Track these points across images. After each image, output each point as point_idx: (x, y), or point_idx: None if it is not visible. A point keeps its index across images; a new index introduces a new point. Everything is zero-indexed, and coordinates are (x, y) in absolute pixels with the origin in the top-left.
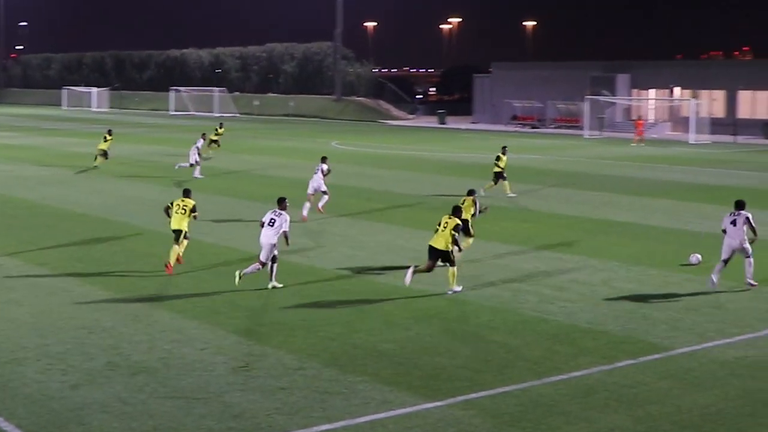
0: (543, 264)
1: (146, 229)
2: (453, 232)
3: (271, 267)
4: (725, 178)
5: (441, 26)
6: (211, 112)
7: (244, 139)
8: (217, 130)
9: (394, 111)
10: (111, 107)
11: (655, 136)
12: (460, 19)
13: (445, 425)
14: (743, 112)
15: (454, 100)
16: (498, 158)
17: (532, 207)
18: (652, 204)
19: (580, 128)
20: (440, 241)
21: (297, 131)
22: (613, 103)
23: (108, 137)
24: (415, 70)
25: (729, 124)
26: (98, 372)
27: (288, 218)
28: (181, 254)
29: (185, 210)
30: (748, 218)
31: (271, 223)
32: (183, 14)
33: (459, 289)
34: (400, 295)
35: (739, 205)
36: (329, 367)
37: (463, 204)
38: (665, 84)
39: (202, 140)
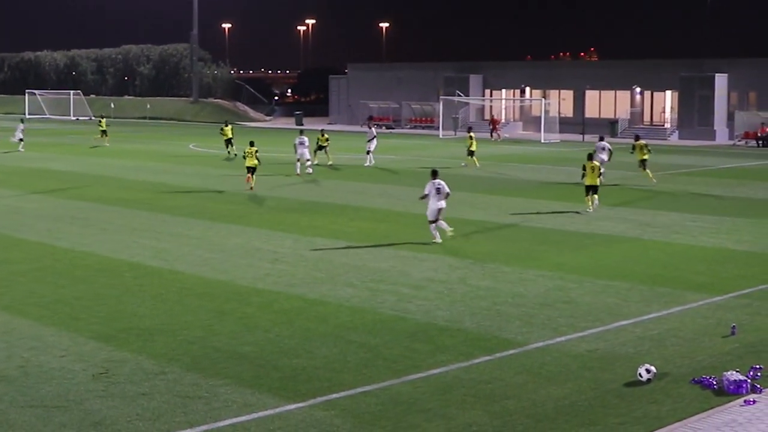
0: (400, 263)
1: None
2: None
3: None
4: (574, 177)
5: (297, 27)
6: (68, 115)
7: (99, 144)
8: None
9: (252, 113)
10: None
11: (507, 135)
12: (315, 21)
13: (307, 426)
14: (591, 111)
15: (312, 101)
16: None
17: (386, 207)
18: (506, 202)
19: (435, 128)
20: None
21: (153, 134)
22: (467, 104)
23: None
24: (272, 71)
25: (577, 123)
26: None
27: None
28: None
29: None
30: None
31: (438, 191)
32: (37, 15)
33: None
34: (260, 297)
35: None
36: (190, 371)
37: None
38: (516, 84)
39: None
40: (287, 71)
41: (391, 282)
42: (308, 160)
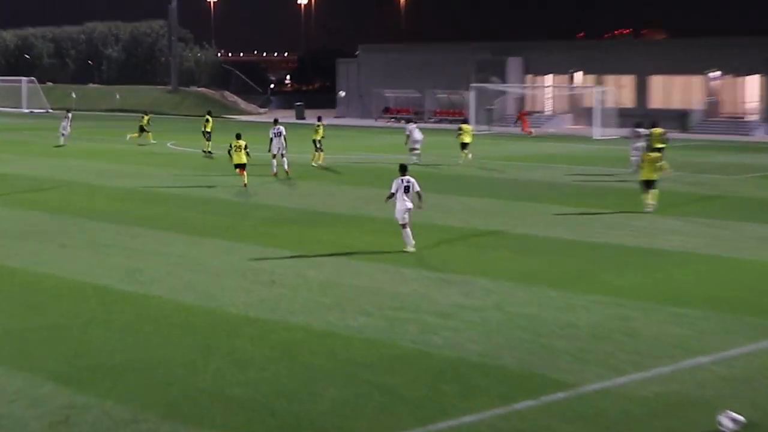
0: (423, 286)
1: None
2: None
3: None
4: (634, 181)
5: (298, 1)
6: (20, 107)
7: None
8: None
9: (243, 104)
10: None
11: (552, 130)
12: None
13: None
14: (656, 101)
15: (315, 90)
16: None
17: None
18: (550, 211)
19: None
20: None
21: (124, 130)
22: (504, 93)
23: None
24: (267, 54)
25: (640, 116)
26: None
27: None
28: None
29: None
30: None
31: (406, 190)
32: None
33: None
34: (253, 328)
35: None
36: (168, 419)
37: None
38: (564, 68)
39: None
40: (285, 54)
41: (412, 309)
42: (283, 155)
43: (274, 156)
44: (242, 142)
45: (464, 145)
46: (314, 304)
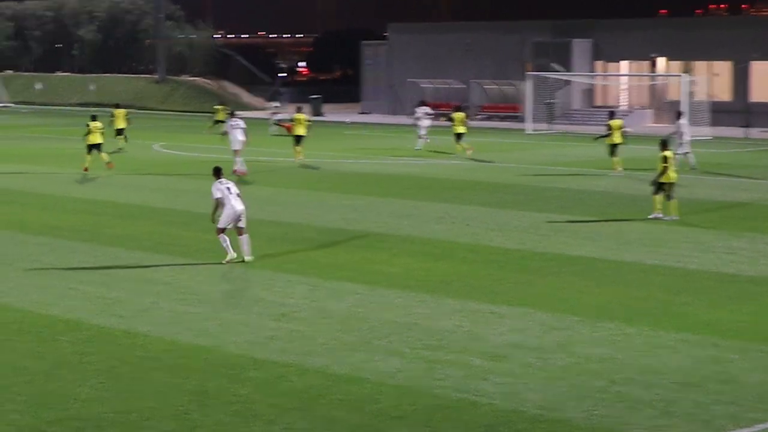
0: (469, 321)
1: None
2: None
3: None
4: (736, 191)
5: None
6: None
7: (19, 142)
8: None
9: (246, 96)
10: None
11: (630, 129)
12: None
13: None
14: (759, 93)
15: (334, 79)
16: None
17: (447, 236)
18: (627, 230)
19: (520, 119)
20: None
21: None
22: (568, 83)
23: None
24: (276, 35)
25: (737, 111)
26: None
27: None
28: None
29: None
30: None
31: (229, 191)
32: None
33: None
34: (261, 372)
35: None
36: None
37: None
38: (643, 53)
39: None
40: (298, 35)
41: (456, 349)
42: (236, 151)
43: (236, 152)
44: (99, 124)
45: (459, 136)
46: (335, 342)
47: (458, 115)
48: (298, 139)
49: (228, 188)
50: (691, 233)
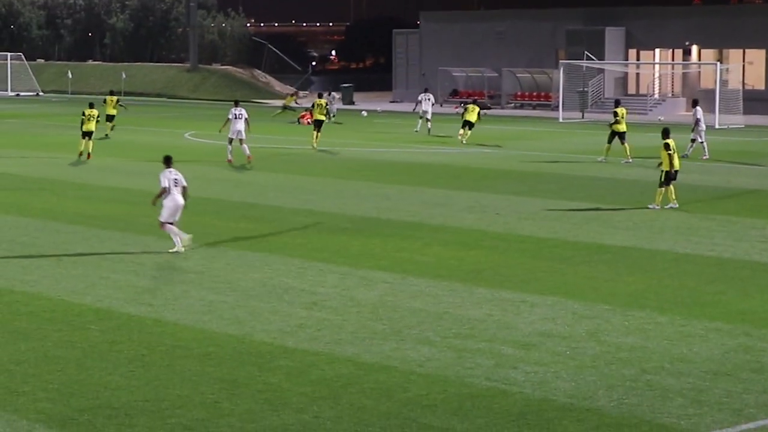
0: (499, 310)
1: None
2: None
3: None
4: (757, 177)
5: None
6: (4, 89)
7: (50, 130)
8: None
9: (278, 85)
10: None
11: (662, 118)
12: None
13: None
14: None
15: (366, 67)
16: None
17: (479, 225)
18: (660, 218)
19: (553, 108)
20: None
21: (131, 117)
22: (601, 71)
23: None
24: (308, 24)
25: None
26: None
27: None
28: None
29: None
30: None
31: (176, 183)
32: None
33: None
34: (291, 361)
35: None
36: None
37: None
38: (678, 41)
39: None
40: (330, 24)
41: (486, 338)
42: (242, 141)
43: (231, 141)
44: (95, 111)
45: (470, 124)
46: (365, 331)
47: (473, 107)
48: (318, 124)
49: (175, 180)
50: (725, 221)
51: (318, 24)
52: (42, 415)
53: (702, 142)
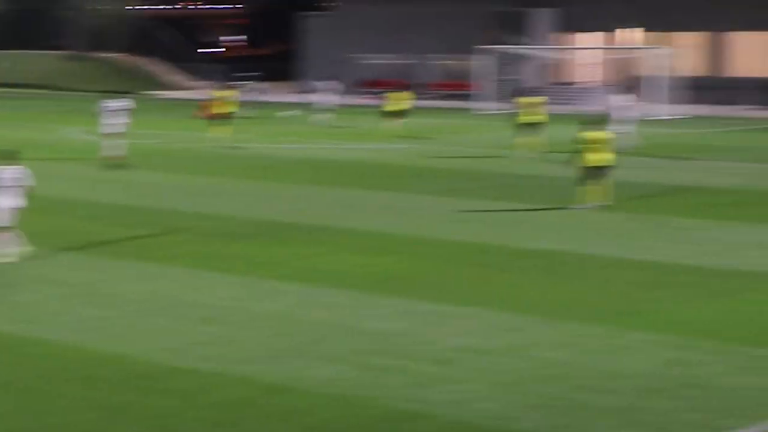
0: (415, 323)
1: None
2: None
3: None
4: (711, 176)
5: None
6: None
7: None
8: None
9: (172, 75)
10: None
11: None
12: None
13: None
14: (739, 67)
15: (270, 55)
16: None
17: (391, 228)
18: (591, 220)
19: (474, 98)
20: None
21: (5, 112)
22: (525, 57)
23: None
24: (206, 5)
25: (716, 88)
26: None
27: None
28: None
29: None
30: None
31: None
32: None
33: None
34: (183, 382)
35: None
36: None
37: None
38: (611, 24)
39: None
40: (232, 5)
41: (401, 354)
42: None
43: (106, 136)
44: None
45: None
46: (266, 348)
47: (396, 95)
48: (222, 118)
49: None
50: (662, 222)
51: (218, 5)
52: None
53: (628, 132)
